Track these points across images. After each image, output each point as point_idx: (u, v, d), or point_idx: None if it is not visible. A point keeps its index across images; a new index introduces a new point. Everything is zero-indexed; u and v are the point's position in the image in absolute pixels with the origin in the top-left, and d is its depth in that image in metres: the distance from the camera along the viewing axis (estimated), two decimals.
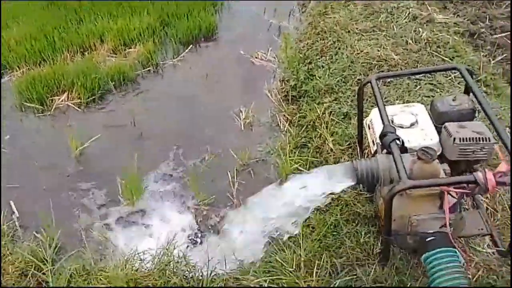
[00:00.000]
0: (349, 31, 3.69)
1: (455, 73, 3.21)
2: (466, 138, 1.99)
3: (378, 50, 3.40)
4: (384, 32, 3.65)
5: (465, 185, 1.74)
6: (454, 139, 2.00)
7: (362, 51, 3.42)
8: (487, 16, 4.17)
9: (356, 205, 2.35)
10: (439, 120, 2.19)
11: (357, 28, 3.71)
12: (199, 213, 2.79)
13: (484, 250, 2.06)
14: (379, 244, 2.14)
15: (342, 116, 3.00)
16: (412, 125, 2.16)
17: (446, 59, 3.39)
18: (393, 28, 3.71)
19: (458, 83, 3.18)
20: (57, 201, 2.85)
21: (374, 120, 2.26)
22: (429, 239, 1.82)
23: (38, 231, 2.55)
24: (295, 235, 2.20)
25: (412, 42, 3.50)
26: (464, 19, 4.09)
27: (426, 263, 1.79)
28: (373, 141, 2.22)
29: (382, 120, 2.00)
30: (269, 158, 3.16)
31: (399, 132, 2.01)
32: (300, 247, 2.14)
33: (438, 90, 3.13)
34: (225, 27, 4.81)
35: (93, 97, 3.80)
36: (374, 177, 1.89)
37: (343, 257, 2.10)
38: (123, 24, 4.53)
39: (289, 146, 3.08)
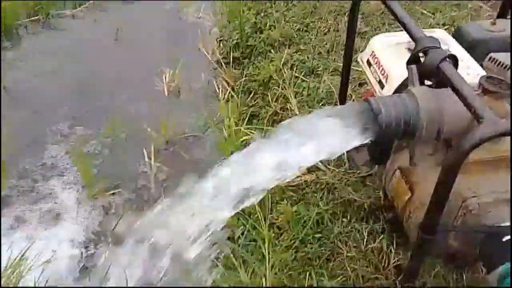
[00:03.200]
0: None
1: None
2: None
3: None
4: None
5: None
6: None
7: None
8: None
9: (346, 189, 1.48)
10: (472, 51, 1.43)
11: None
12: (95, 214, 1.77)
13: None
14: (392, 251, 1.28)
15: (307, 72, 2.14)
16: None
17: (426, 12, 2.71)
18: None
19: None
20: None
21: (379, 51, 1.41)
22: (507, 238, 1.00)
23: None
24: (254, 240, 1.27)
25: None
26: None
27: (505, 284, 0.96)
28: (379, 81, 1.38)
29: (412, 33, 1.16)
30: (205, 134, 2.23)
31: None
32: (265, 262, 1.22)
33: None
34: None
35: None
36: (408, 126, 1.03)
37: (339, 277, 1.21)
38: None
39: (233, 117, 2.17)
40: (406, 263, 1.20)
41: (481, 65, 1.33)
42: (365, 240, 1.31)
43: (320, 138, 1.03)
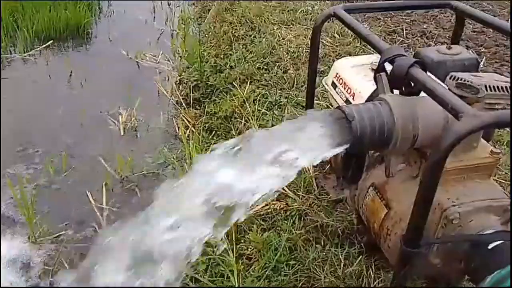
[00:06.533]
0: (265, 21, 2.96)
1: None
2: (493, 87, 1.26)
3: (305, 38, 2.70)
4: (305, 26, 3.00)
5: None
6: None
7: (284, 39, 2.69)
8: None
9: (318, 214, 1.41)
10: (432, 72, 1.47)
11: (274, 19, 3.01)
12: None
13: None
14: (372, 275, 1.20)
15: (270, 106, 2.12)
16: None
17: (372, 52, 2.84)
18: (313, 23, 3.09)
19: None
20: None
21: (343, 72, 1.42)
22: (493, 245, 0.95)
23: None
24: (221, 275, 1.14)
25: (339, 36, 2.90)
26: None
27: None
28: (346, 100, 1.36)
29: (376, 45, 1.16)
30: (164, 171, 2.11)
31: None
32: None
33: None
34: (103, 30, 3.73)
35: None
36: (383, 133, 0.99)
37: None
38: None
39: (195, 152, 2.08)
40: (388, 285, 1.12)
41: None
42: (342, 264, 1.22)
43: (295, 146, 0.96)
